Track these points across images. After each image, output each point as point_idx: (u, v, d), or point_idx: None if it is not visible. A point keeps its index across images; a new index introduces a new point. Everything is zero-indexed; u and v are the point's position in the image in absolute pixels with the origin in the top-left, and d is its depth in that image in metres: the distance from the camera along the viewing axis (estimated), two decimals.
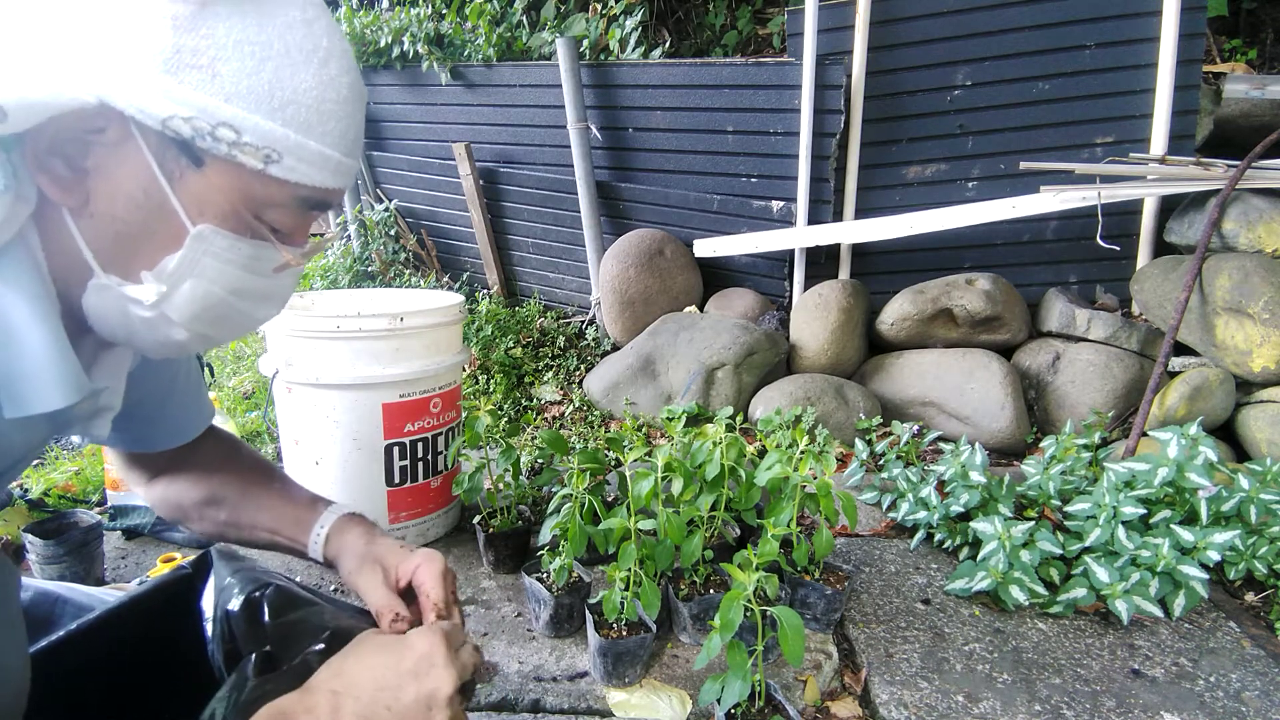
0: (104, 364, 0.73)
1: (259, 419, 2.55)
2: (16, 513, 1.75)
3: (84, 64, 0.54)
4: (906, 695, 1.28)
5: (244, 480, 0.96)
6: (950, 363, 2.57)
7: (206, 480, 0.96)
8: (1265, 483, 1.65)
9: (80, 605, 0.90)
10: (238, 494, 0.95)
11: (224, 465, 0.98)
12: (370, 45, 3.58)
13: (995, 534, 1.56)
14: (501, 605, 1.54)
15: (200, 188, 0.61)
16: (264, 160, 0.60)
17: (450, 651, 0.70)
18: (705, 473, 1.40)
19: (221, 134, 0.58)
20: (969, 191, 2.80)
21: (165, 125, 0.56)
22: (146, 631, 0.86)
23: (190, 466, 0.97)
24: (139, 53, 0.55)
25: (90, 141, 0.58)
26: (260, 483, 0.97)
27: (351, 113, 0.65)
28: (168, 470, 0.97)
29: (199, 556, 0.92)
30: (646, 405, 2.70)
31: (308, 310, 1.84)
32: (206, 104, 0.57)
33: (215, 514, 0.95)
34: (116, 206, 0.60)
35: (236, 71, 0.57)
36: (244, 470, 0.98)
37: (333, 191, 0.67)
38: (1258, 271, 2.15)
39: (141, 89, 0.55)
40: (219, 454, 0.99)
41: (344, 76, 0.64)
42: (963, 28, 2.65)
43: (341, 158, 0.66)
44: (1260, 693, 1.31)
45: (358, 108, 0.67)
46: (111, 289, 0.62)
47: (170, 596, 0.89)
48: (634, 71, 3.07)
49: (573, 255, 3.41)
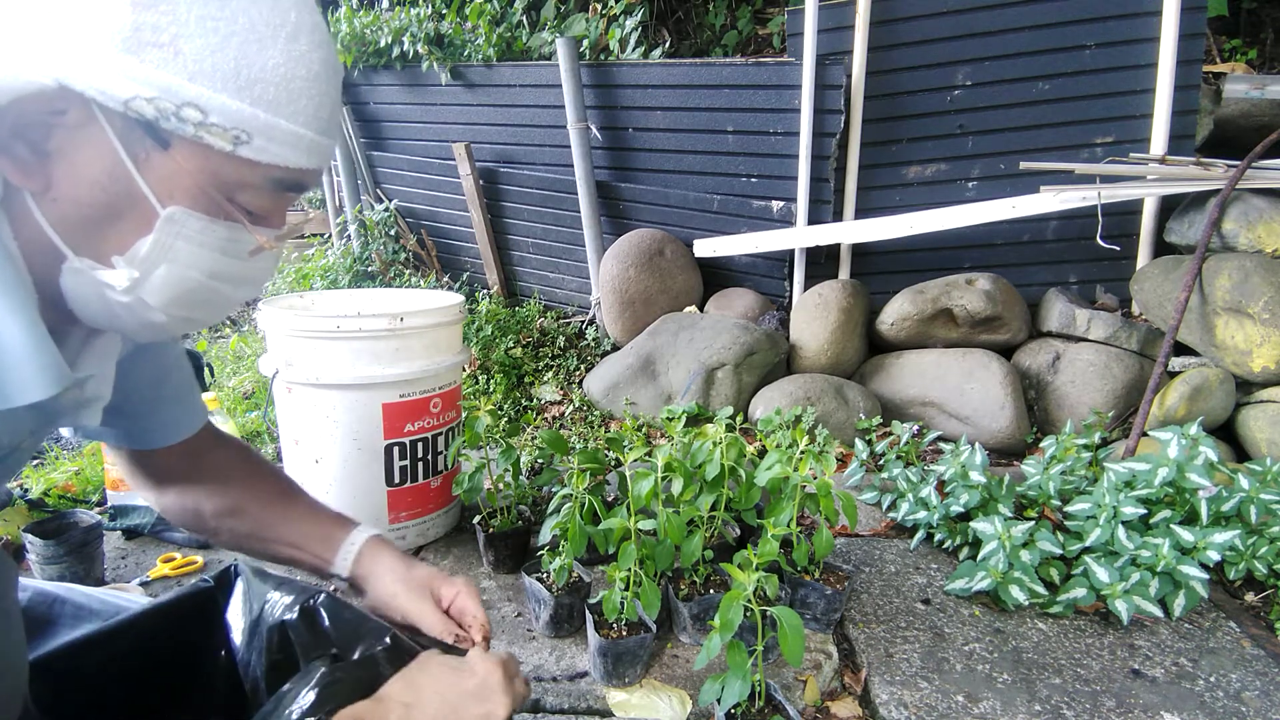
0: (93, 351, 0.72)
1: (259, 419, 2.54)
2: (16, 513, 1.75)
3: (42, 45, 0.53)
4: (906, 695, 1.28)
5: (267, 493, 0.96)
6: (950, 363, 2.57)
7: (225, 490, 0.95)
8: (1265, 483, 1.65)
9: (79, 605, 0.90)
10: (260, 506, 0.95)
11: (243, 477, 0.97)
12: (370, 45, 3.58)
13: (995, 534, 1.56)
14: (501, 605, 1.54)
15: (168, 169, 0.59)
16: (233, 141, 0.58)
17: (508, 679, 0.75)
18: (705, 473, 1.40)
19: (187, 114, 0.56)
20: (969, 191, 2.80)
21: (127, 106, 0.55)
22: (166, 641, 0.87)
23: (206, 476, 0.96)
24: (97, 31, 0.53)
25: (52, 124, 0.56)
26: (284, 497, 0.97)
27: (325, 89, 0.63)
28: (180, 478, 0.96)
29: (221, 571, 0.93)
30: (646, 405, 2.70)
31: (308, 310, 1.84)
32: (170, 83, 0.55)
33: (236, 525, 0.95)
34: (80, 190, 0.58)
35: (200, 49, 0.55)
36: (266, 483, 0.98)
37: (308, 172, 0.65)
38: (1258, 271, 2.15)
39: (101, 69, 0.53)
40: (237, 464, 0.99)
41: (315, 51, 0.61)
42: (963, 28, 2.65)
43: (315, 136, 0.63)
44: (1260, 693, 1.31)
45: (331, 84, 0.64)
46: (85, 273, 0.61)
47: (191, 608, 0.90)
48: (634, 71, 3.07)
49: (573, 255, 3.41)
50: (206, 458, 0.97)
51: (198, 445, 0.97)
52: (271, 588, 0.87)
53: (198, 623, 0.90)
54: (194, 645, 0.90)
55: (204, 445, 0.98)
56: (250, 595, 0.89)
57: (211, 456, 0.98)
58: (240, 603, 0.90)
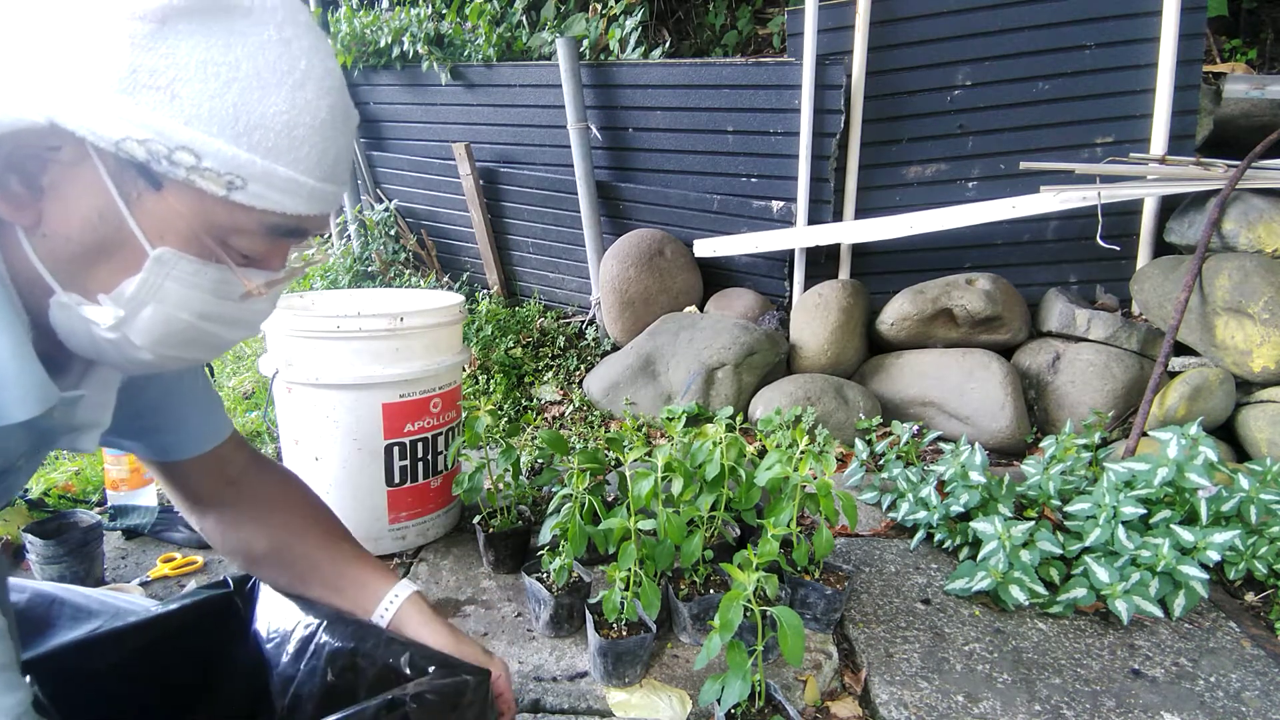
0: (94, 379, 0.72)
1: (259, 419, 2.55)
2: (16, 513, 1.75)
3: (37, 82, 0.53)
4: (906, 695, 1.28)
5: (310, 533, 0.96)
6: (950, 363, 2.57)
7: (267, 524, 0.95)
8: (1265, 483, 1.65)
9: (77, 606, 0.90)
10: (305, 547, 0.94)
11: (285, 510, 0.97)
12: (370, 45, 3.58)
13: (995, 534, 1.56)
14: (501, 605, 1.54)
15: (160, 210, 0.58)
16: (226, 186, 0.58)
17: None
18: (705, 473, 1.40)
19: (180, 158, 0.56)
20: (969, 191, 2.80)
21: (119, 147, 0.54)
22: (183, 643, 0.88)
23: (245, 504, 0.96)
24: (94, 72, 0.53)
25: (47, 159, 0.56)
26: (328, 539, 0.96)
27: (330, 136, 0.62)
28: (218, 503, 0.96)
29: (241, 578, 0.95)
30: (646, 405, 2.70)
31: (308, 310, 1.84)
32: (164, 126, 0.54)
33: (277, 576, 0.94)
34: (71, 227, 0.58)
35: (198, 93, 0.55)
36: (308, 520, 0.98)
37: (307, 219, 0.64)
38: (1258, 271, 2.15)
39: (93, 110, 0.53)
40: (278, 497, 0.98)
41: (323, 99, 0.61)
42: (963, 28, 2.65)
43: (316, 184, 0.62)
44: (1260, 693, 1.31)
45: (339, 131, 0.63)
46: (71, 308, 0.61)
47: (209, 613, 0.92)
48: (634, 71, 3.07)
49: (573, 255, 3.41)
50: (245, 484, 0.97)
51: (234, 469, 0.97)
52: (307, 608, 0.89)
53: (217, 628, 0.92)
54: (213, 650, 0.91)
55: (240, 469, 0.97)
56: (280, 609, 0.91)
57: (250, 484, 0.97)
58: (271, 614, 0.91)
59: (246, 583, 0.95)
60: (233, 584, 0.94)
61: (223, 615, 0.92)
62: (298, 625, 0.88)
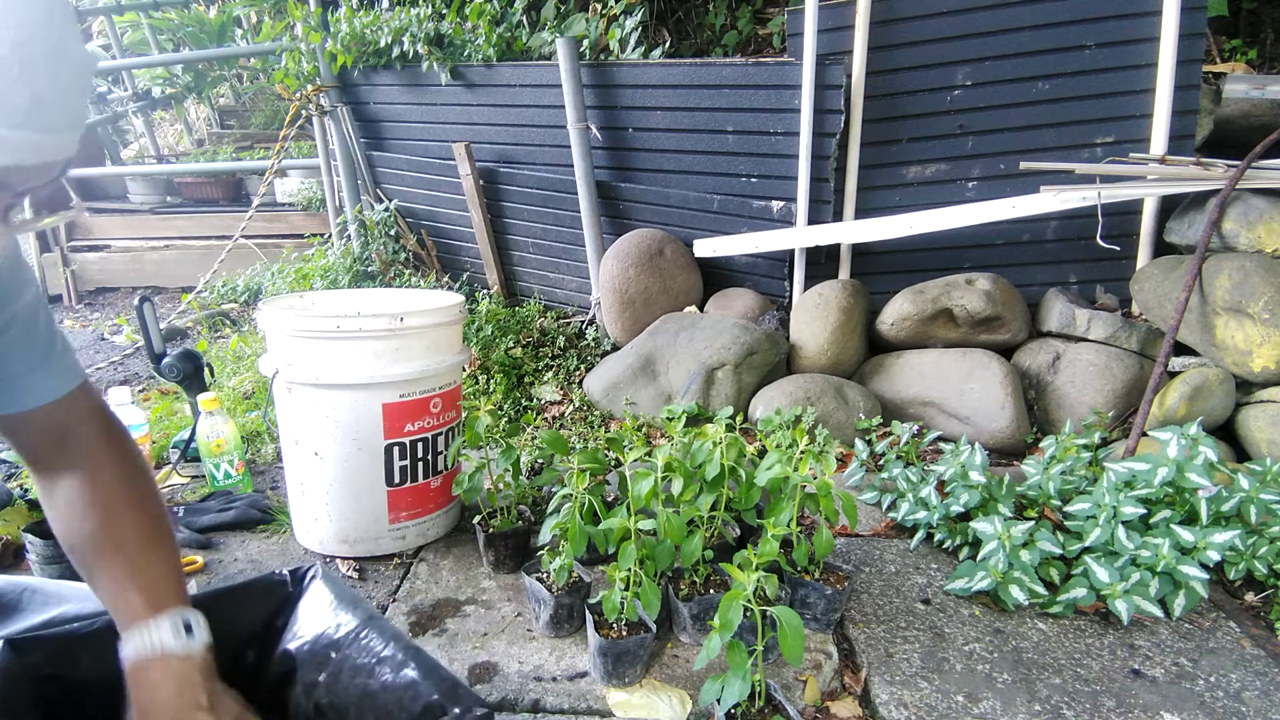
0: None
1: (259, 419, 2.55)
2: (16, 513, 1.75)
3: None
4: (906, 695, 1.28)
5: (107, 523, 0.86)
6: (950, 363, 2.57)
7: (80, 500, 0.86)
8: (1265, 483, 1.65)
9: (49, 594, 0.92)
10: (93, 540, 0.85)
11: (106, 488, 0.87)
12: (370, 45, 3.58)
13: (995, 534, 1.56)
14: (501, 605, 1.54)
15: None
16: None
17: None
18: (705, 473, 1.40)
19: None
20: (969, 191, 2.80)
21: None
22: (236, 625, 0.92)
23: (66, 472, 0.87)
24: None
25: None
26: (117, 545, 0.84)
27: (15, 77, 0.53)
28: (51, 467, 0.88)
29: (296, 570, 0.99)
30: (646, 405, 2.70)
31: (308, 310, 1.84)
32: None
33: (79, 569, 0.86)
34: None
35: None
36: (128, 507, 0.87)
37: (4, 169, 0.56)
38: (1258, 271, 2.15)
39: None
40: (106, 472, 0.88)
41: (3, 33, 0.52)
42: (963, 28, 2.65)
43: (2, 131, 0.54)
44: (1260, 693, 1.31)
45: (29, 71, 0.54)
46: None
47: (258, 600, 0.95)
48: (634, 71, 3.07)
49: (573, 255, 3.41)
50: (74, 450, 0.87)
51: (64, 421, 0.86)
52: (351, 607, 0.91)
53: (266, 617, 0.95)
54: (254, 638, 0.95)
55: (72, 420, 0.87)
56: (318, 615, 0.93)
57: (78, 452, 0.87)
58: (311, 618, 0.93)
59: (300, 575, 0.98)
60: (278, 583, 0.98)
61: (279, 604, 0.96)
62: (326, 624, 0.91)
